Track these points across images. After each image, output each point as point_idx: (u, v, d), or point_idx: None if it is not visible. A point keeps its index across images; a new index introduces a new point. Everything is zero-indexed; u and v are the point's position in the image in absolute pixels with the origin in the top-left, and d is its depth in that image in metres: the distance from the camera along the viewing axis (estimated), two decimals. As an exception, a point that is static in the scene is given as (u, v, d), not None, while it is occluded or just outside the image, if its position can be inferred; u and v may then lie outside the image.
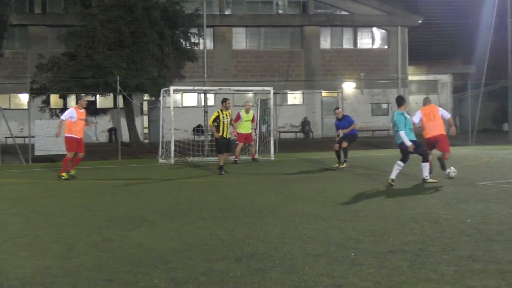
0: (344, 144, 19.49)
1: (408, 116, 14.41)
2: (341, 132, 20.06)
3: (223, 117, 18.59)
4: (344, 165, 19.35)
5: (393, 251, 7.33)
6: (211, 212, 10.58)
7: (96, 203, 12.14)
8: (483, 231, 8.41)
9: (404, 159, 14.30)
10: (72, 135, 16.93)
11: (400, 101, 14.71)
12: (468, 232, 8.36)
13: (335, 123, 20.50)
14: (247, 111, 23.43)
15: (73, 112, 17.06)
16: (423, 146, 14.76)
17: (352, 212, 10.24)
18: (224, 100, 18.92)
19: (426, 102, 16.16)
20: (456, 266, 6.60)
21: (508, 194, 12.32)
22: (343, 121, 20.17)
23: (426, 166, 14.48)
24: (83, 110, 17.30)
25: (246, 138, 23.29)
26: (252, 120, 23.60)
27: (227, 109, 18.77)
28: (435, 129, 15.48)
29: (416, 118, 15.60)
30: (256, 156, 24.06)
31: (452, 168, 15.35)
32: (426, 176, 14.43)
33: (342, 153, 19.53)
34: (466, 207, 10.57)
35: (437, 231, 8.51)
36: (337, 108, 20.82)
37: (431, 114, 15.59)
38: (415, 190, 13.27)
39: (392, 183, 13.91)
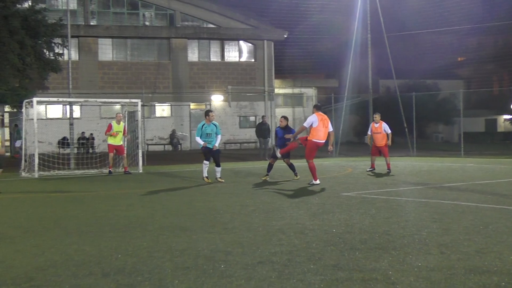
0: (287, 161, 19.35)
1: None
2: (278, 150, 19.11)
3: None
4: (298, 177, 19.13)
5: (261, 262, 7.40)
6: (77, 227, 10.29)
7: (-47, 220, 11.50)
8: (347, 241, 8.66)
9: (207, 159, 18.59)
10: None
11: (206, 112, 18.91)
12: (333, 242, 8.58)
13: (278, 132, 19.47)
14: (118, 122, 23.12)
15: None
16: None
17: (221, 225, 10.27)
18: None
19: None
20: (322, 276, 6.74)
21: (369, 204, 12.78)
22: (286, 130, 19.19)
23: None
24: None
25: (117, 149, 23.06)
26: (124, 132, 23.31)
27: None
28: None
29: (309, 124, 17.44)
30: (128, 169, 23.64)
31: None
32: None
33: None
34: (331, 218, 10.85)
35: (303, 241, 8.67)
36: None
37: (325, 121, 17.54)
38: (282, 202, 13.48)
39: (207, 180, 18.39)
